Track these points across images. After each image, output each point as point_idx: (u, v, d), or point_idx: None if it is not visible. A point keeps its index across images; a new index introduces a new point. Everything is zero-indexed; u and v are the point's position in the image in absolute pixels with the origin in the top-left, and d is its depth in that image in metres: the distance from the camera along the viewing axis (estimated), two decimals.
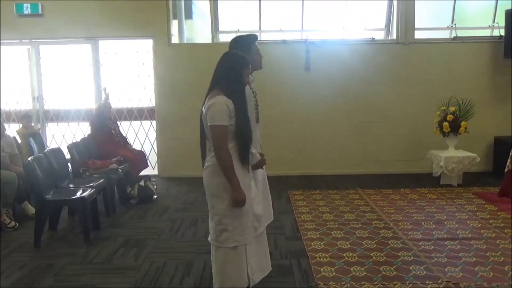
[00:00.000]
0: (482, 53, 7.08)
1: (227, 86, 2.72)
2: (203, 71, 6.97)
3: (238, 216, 2.76)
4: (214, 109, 2.65)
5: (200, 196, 6.00)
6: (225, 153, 2.67)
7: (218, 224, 2.79)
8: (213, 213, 2.83)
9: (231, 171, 2.68)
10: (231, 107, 2.66)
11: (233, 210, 2.74)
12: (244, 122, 2.71)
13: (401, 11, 6.98)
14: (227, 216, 2.75)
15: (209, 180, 2.80)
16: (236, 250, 2.79)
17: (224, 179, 2.70)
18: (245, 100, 2.76)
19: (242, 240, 2.79)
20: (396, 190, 6.07)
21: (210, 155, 2.78)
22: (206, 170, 2.82)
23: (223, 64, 2.81)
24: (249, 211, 2.81)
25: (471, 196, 5.72)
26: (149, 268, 3.73)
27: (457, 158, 6.17)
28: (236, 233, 2.77)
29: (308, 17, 7.17)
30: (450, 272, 3.51)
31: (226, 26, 7.24)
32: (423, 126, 7.00)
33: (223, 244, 2.79)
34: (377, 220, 4.82)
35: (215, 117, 2.65)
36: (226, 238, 2.77)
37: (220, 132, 2.65)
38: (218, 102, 2.66)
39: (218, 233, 2.80)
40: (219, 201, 2.76)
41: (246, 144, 2.76)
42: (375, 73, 7.04)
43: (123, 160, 5.81)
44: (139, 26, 6.96)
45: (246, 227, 2.81)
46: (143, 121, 7.33)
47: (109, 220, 5.04)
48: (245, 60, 2.82)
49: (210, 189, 2.82)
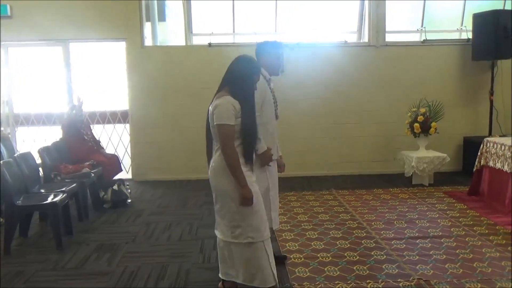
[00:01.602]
0: (451, 55, 7.26)
1: (235, 88, 2.82)
2: (177, 74, 7.04)
3: (249, 213, 2.83)
4: (221, 109, 2.74)
5: (175, 199, 5.97)
6: (232, 152, 2.75)
7: (231, 221, 2.86)
8: (224, 211, 2.89)
9: (238, 169, 2.76)
10: (237, 107, 2.76)
11: (243, 207, 2.81)
12: (250, 123, 2.81)
13: (373, 15, 7.10)
14: (238, 213, 2.83)
15: (217, 179, 2.88)
16: (252, 247, 2.84)
17: (231, 178, 2.77)
18: (253, 103, 2.86)
19: (257, 237, 2.85)
20: (369, 191, 6.16)
21: (217, 155, 2.85)
22: (213, 169, 2.89)
23: (236, 66, 2.89)
24: (259, 208, 2.88)
25: (441, 195, 5.84)
26: (123, 272, 3.68)
27: (428, 158, 6.30)
28: (250, 230, 2.83)
29: (282, 20, 7.23)
30: (421, 270, 3.59)
31: (199, 29, 7.23)
32: (394, 127, 7.13)
33: (238, 239, 2.85)
34: (350, 221, 4.89)
35: (221, 117, 2.73)
36: (240, 233, 2.84)
37: (227, 131, 2.73)
38: (225, 102, 2.76)
39: (232, 229, 2.87)
40: (229, 199, 2.84)
41: (250, 144, 2.87)
42: (348, 75, 7.13)
43: (96, 164, 5.74)
44: (111, 28, 6.88)
45: (260, 223, 2.87)
46: (117, 125, 7.25)
47: (82, 225, 4.96)
48: (257, 66, 2.96)
49: (219, 188, 2.89)
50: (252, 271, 2.88)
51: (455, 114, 7.16)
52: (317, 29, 7.27)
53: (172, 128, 7.08)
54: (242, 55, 2.96)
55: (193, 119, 7.05)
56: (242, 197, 2.77)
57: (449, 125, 6.99)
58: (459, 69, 7.28)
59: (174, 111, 7.05)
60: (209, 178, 2.95)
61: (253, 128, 2.87)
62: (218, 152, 2.84)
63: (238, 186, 2.77)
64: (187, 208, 5.60)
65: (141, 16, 6.97)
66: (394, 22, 7.30)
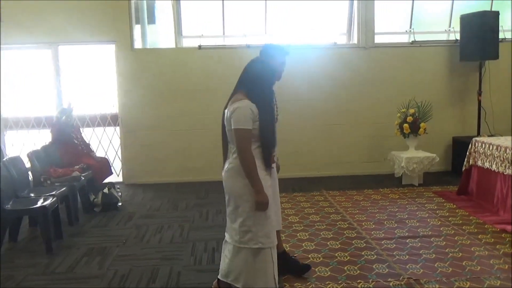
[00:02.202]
0: (439, 56, 7.33)
1: (252, 91, 2.78)
2: (167, 76, 7.03)
3: (262, 218, 2.80)
4: (239, 112, 2.71)
5: (166, 202, 5.96)
6: (249, 156, 2.73)
7: (241, 226, 2.81)
8: (236, 214, 2.85)
9: (255, 173, 2.74)
10: (255, 111, 2.73)
11: (256, 212, 2.78)
12: (268, 127, 2.78)
13: (362, 17, 7.14)
14: (250, 217, 2.79)
15: (232, 182, 2.85)
16: (261, 253, 2.82)
17: (246, 181, 2.75)
18: (271, 106, 2.84)
19: (267, 243, 2.82)
20: (359, 191, 6.19)
21: (233, 157, 2.84)
22: (228, 172, 2.87)
23: (253, 69, 2.85)
24: (271, 213, 2.86)
25: (431, 195, 5.89)
26: (114, 276, 3.67)
27: (418, 158, 6.35)
28: (260, 235, 2.79)
29: (272, 22, 7.24)
30: (411, 269, 3.62)
31: (189, 31, 7.23)
32: (384, 128, 7.17)
33: (247, 244, 2.81)
34: (341, 221, 4.91)
35: (239, 121, 2.71)
36: (250, 238, 2.80)
37: (244, 135, 2.71)
38: (243, 106, 2.73)
39: (241, 234, 2.82)
40: (242, 203, 2.80)
41: (268, 148, 2.83)
42: (338, 76, 7.16)
43: (86, 168, 5.71)
44: (101, 31, 6.86)
45: (270, 229, 2.84)
46: (107, 128, 7.22)
47: (72, 229, 4.93)
48: (273, 68, 2.93)
49: (232, 191, 2.86)
50: (255, 277, 2.84)
51: (443, 115, 7.23)
52: (307, 31, 7.30)
53: (163, 130, 7.07)
54: (257, 57, 2.94)
55: (184, 121, 7.06)
56: (258, 202, 2.74)
57: (438, 125, 7.05)
58: (447, 69, 7.35)
59: (165, 114, 7.04)
60: (223, 180, 2.93)
61: (271, 131, 2.82)
62: (234, 155, 2.81)
63: (254, 190, 2.74)
64: (178, 210, 5.59)
65: (131, 18, 6.95)
66: (383, 24, 7.35)
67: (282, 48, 3.39)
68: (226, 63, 6.98)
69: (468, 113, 7.34)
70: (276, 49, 3.38)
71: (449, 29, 7.45)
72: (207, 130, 7.05)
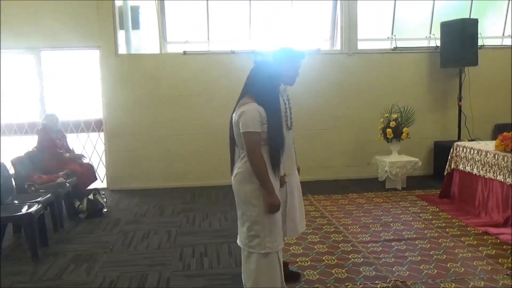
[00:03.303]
0: (420, 62, 7.47)
1: (260, 94, 2.78)
2: (151, 82, 7.02)
3: (270, 223, 2.80)
4: (247, 116, 2.71)
5: (152, 208, 5.94)
6: (259, 159, 2.72)
7: (249, 230, 2.82)
8: (244, 219, 2.85)
9: (266, 176, 2.73)
10: (263, 114, 2.72)
11: (264, 216, 2.78)
12: (276, 129, 2.78)
13: (345, 23, 7.25)
14: (258, 222, 2.79)
15: (240, 186, 2.84)
16: (268, 257, 2.82)
17: (255, 185, 2.75)
18: (278, 109, 2.84)
19: (274, 248, 2.82)
20: (344, 195, 6.27)
21: (242, 162, 2.83)
22: (237, 176, 2.86)
23: (260, 73, 2.85)
24: (279, 218, 2.87)
25: (414, 199, 6.00)
26: (102, 282, 3.66)
27: (401, 163, 6.46)
28: (268, 240, 2.80)
29: (256, 27, 7.30)
30: (398, 272, 3.69)
31: (174, 37, 7.24)
32: (367, 132, 7.26)
33: (254, 249, 2.82)
34: (327, 225, 4.97)
35: (248, 124, 2.70)
36: (257, 243, 2.80)
37: (253, 138, 2.70)
38: (250, 109, 2.73)
39: (249, 238, 2.83)
40: (250, 207, 2.80)
41: (277, 151, 2.82)
42: (322, 82, 7.24)
43: (70, 174, 5.66)
44: (85, 36, 6.81)
45: (277, 234, 2.85)
46: (91, 133, 7.17)
47: (58, 235, 4.88)
48: (278, 70, 2.93)
49: (241, 195, 2.85)
50: (263, 281, 2.85)
51: (425, 120, 7.36)
52: (291, 36, 7.37)
53: (147, 136, 7.05)
54: (261, 60, 2.95)
55: (168, 127, 7.04)
56: (270, 204, 2.74)
57: (420, 130, 7.18)
58: (428, 75, 7.50)
59: (149, 119, 7.02)
60: (233, 184, 2.92)
61: (280, 134, 2.83)
62: (244, 159, 2.80)
63: (266, 193, 2.74)
64: (165, 216, 5.58)
65: (115, 24, 6.92)
66: (366, 30, 7.47)
67: (299, 52, 3.36)
68: (211, 69, 7.02)
69: (448, 118, 7.50)
70: (292, 53, 3.35)
71: (430, 36, 7.61)
72: (192, 136, 7.07)
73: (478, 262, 3.85)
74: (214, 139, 7.07)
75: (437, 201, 5.80)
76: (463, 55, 6.79)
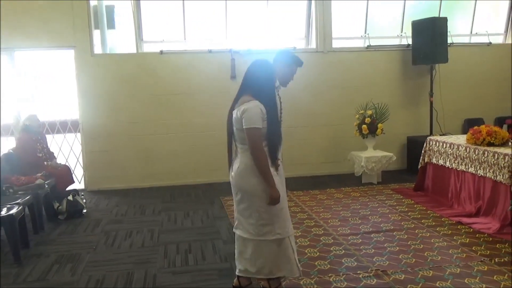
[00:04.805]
0: (393, 60, 7.68)
1: (260, 93, 2.93)
2: (128, 81, 7.00)
3: (277, 211, 2.99)
4: (250, 112, 2.86)
5: (132, 207, 5.93)
6: (262, 154, 2.88)
7: (259, 220, 2.97)
8: (251, 211, 2.99)
9: (268, 170, 2.92)
10: (264, 111, 2.87)
11: (270, 205, 2.95)
12: (275, 125, 2.95)
13: (319, 22, 7.38)
14: (267, 211, 2.97)
15: (245, 180, 2.98)
16: (280, 242, 3.00)
17: (258, 178, 2.89)
18: (276, 105, 2.99)
19: (284, 233, 3.00)
20: (322, 191, 6.40)
21: (242, 157, 2.98)
22: (238, 171, 3.00)
23: (258, 72, 3.00)
24: (284, 205, 3.04)
25: (390, 192, 6.17)
26: (88, 281, 3.66)
27: (376, 158, 6.63)
28: (278, 227, 2.98)
29: (232, 26, 7.35)
30: (378, 262, 3.82)
31: (150, 36, 7.22)
32: (343, 129, 7.43)
33: (265, 237, 2.98)
34: (308, 219, 5.08)
35: (251, 120, 2.85)
36: (268, 231, 2.97)
37: (256, 134, 2.86)
38: (254, 106, 2.88)
39: (259, 228, 2.98)
40: (257, 199, 2.96)
41: (275, 146, 2.98)
42: (297, 80, 7.13)
43: (48, 175, 5.60)
44: (60, 36, 6.73)
45: (285, 220, 3.03)
46: (67, 134, 7.10)
47: (38, 237, 4.83)
48: (273, 68, 3.10)
49: (247, 188, 2.99)
50: (279, 265, 3.03)
51: (398, 115, 7.57)
52: (267, 35, 7.45)
53: (125, 136, 7.02)
54: (258, 59, 3.08)
55: (146, 126, 7.04)
56: (271, 197, 2.91)
57: (394, 125, 7.37)
58: (401, 73, 7.71)
59: (126, 119, 6.99)
60: (234, 179, 3.06)
61: (278, 130, 3.00)
62: (246, 154, 2.95)
63: (267, 186, 2.90)
64: (146, 215, 5.58)
65: (90, 23, 6.87)
66: (340, 29, 7.62)
67: (298, 59, 3.49)
68: (188, 68, 7.05)
69: (421, 114, 7.73)
70: (292, 58, 3.47)
71: (402, 34, 7.82)
72: (170, 135, 7.08)
73: (453, 251, 4.02)
74: (192, 138, 7.12)
75: (412, 194, 5.99)
76: (433, 53, 7.01)
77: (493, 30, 8.14)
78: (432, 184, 5.86)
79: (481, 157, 4.84)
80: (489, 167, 4.73)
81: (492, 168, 4.68)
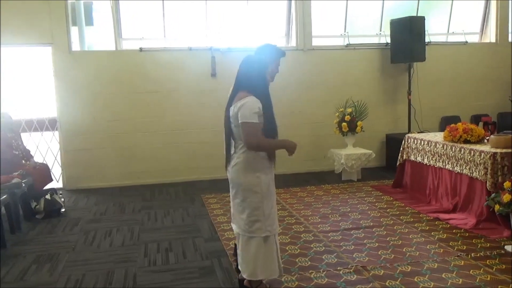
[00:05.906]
0: (372, 58, 7.76)
1: (255, 88, 2.97)
2: (107, 79, 6.93)
3: (268, 208, 3.04)
4: (247, 108, 2.89)
5: (111, 206, 5.87)
6: (263, 140, 2.95)
7: (250, 216, 3.00)
8: (244, 206, 3.03)
9: (275, 143, 3.08)
10: (260, 106, 2.91)
11: (264, 202, 3.01)
12: (271, 120, 2.99)
13: (299, 20, 7.41)
14: (259, 208, 3.01)
15: (240, 176, 3.03)
16: (267, 240, 3.03)
17: (255, 174, 3.00)
18: (270, 100, 3.03)
19: (272, 231, 3.05)
20: (303, 188, 6.44)
21: (240, 152, 3.02)
22: (236, 166, 3.04)
23: (251, 68, 3.05)
24: (274, 203, 3.10)
25: (369, 189, 6.25)
26: (67, 282, 3.62)
27: (356, 155, 6.70)
28: (268, 224, 3.02)
29: (213, 24, 7.33)
30: (358, 258, 3.87)
31: (130, 33, 7.15)
32: (323, 126, 7.48)
33: (255, 233, 3.01)
34: (288, 217, 5.11)
35: (247, 115, 2.88)
36: (258, 228, 3.00)
37: (254, 128, 2.90)
38: (250, 101, 2.92)
39: (250, 224, 3.01)
40: (251, 194, 3.01)
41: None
42: (277, 78, 7.23)
43: (25, 174, 5.50)
44: (37, 33, 6.60)
45: (274, 217, 3.08)
46: (44, 132, 6.99)
47: (15, 237, 4.74)
48: (267, 64, 3.13)
49: (241, 184, 3.02)
50: (263, 264, 3.04)
51: (377, 113, 7.66)
52: (247, 33, 7.45)
53: (103, 134, 6.93)
54: (249, 55, 3.12)
55: (125, 124, 6.96)
56: (292, 147, 3.10)
57: (373, 123, 7.46)
58: (379, 71, 7.79)
59: (105, 117, 6.90)
60: (231, 174, 3.10)
61: (274, 125, 3.04)
62: (242, 149, 3.00)
63: (285, 149, 3.09)
64: (126, 214, 5.53)
65: (68, 20, 6.75)
66: (320, 27, 7.67)
67: (280, 50, 3.46)
68: (168, 66, 6.99)
69: (399, 112, 7.84)
70: (275, 50, 3.44)
71: (380, 33, 7.91)
72: (149, 133, 7.03)
73: (431, 246, 4.10)
74: (172, 136, 7.08)
75: (390, 191, 6.07)
76: (411, 51, 7.10)
77: (469, 30, 8.30)
78: (410, 181, 5.95)
79: (458, 154, 4.93)
80: (465, 164, 4.83)
81: (468, 165, 4.78)
